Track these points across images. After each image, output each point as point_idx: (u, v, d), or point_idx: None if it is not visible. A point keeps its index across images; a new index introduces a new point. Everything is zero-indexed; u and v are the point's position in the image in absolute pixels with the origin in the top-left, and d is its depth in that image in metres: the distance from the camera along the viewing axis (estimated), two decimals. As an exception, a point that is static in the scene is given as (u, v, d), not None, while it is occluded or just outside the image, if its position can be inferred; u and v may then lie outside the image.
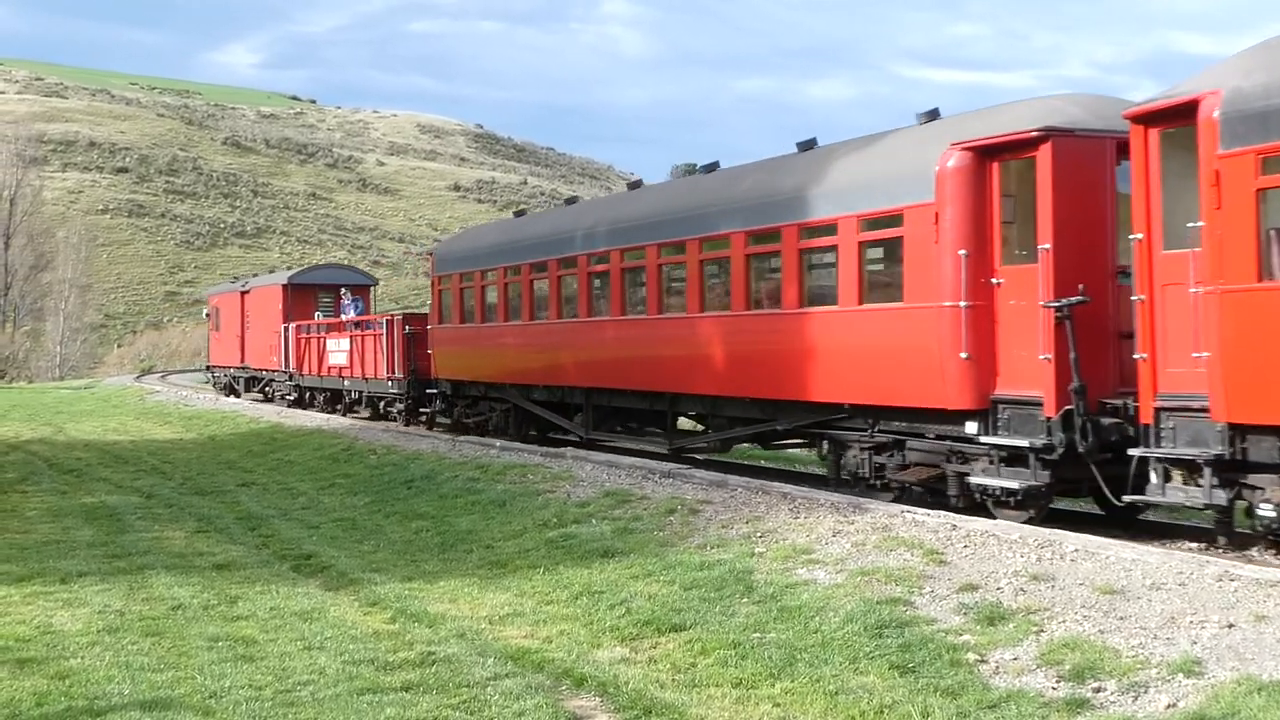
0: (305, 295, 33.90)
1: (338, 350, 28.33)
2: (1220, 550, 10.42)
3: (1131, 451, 10.23)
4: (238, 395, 37.92)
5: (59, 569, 10.89)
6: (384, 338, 25.22)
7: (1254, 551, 10.30)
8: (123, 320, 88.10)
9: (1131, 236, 10.32)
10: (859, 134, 14.88)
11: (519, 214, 24.78)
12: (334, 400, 29.96)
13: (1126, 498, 10.46)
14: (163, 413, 31.63)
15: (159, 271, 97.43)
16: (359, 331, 27.47)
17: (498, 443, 18.99)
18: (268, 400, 35.29)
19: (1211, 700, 6.29)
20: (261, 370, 35.78)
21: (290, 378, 32.47)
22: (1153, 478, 10.03)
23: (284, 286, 34.05)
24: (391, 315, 24.79)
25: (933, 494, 12.53)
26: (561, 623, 8.83)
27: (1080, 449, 10.74)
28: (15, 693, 7.09)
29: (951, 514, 11.01)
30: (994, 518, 11.13)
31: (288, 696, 7.05)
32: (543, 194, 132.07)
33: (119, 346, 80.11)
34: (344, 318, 30.01)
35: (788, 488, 12.89)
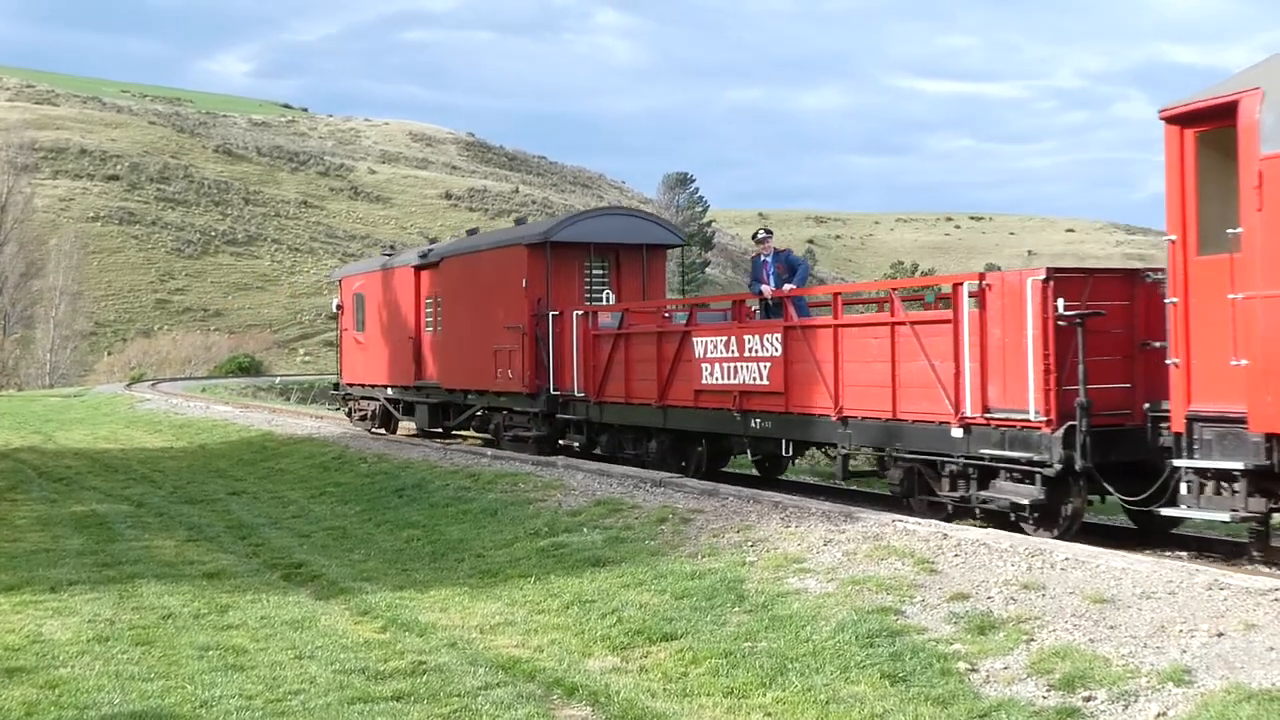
0: (567, 262, 19.07)
1: (738, 359, 14.64)
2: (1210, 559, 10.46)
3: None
4: (391, 430, 24.54)
5: (48, 578, 10.87)
6: (971, 327, 11.37)
7: (1244, 560, 10.33)
8: (113, 328, 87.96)
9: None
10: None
11: None
12: (680, 447, 16.18)
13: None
14: (153, 421, 31.53)
15: (149, 279, 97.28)
16: (819, 322, 13.78)
17: (489, 451, 18.93)
18: (487, 440, 20.76)
19: (1201, 709, 6.30)
20: (467, 389, 20.75)
21: (563, 404, 18.13)
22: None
23: (533, 249, 18.80)
24: (1012, 275, 11.19)
25: None
26: (552, 632, 8.83)
27: None
28: (5, 702, 7.07)
29: (942, 523, 11.04)
30: None
31: (278, 706, 7.05)
32: (534, 202, 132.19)
33: (109, 354, 79.95)
34: (760, 292, 15.37)
35: (779, 496, 12.91)
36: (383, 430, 24.53)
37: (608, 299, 18.65)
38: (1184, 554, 10.97)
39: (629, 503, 13.17)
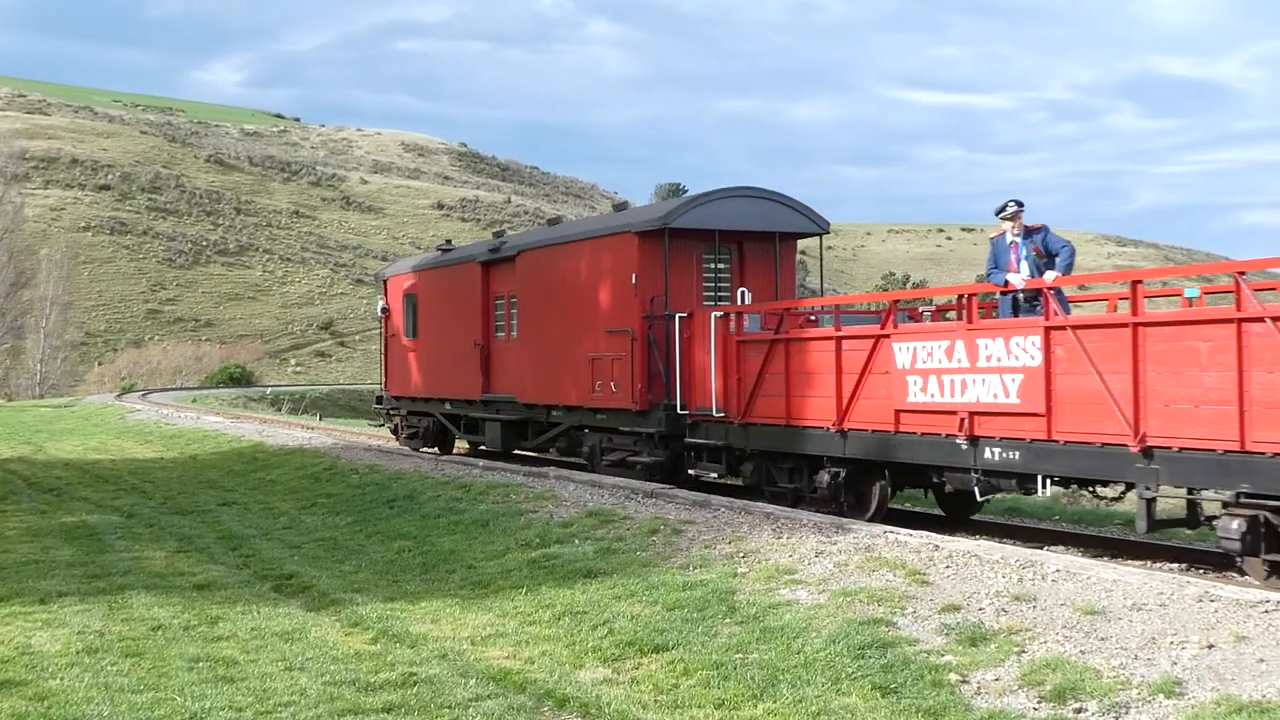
0: (684, 253, 16.24)
1: (967, 370, 11.52)
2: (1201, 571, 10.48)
3: None
4: (445, 449, 22.21)
5: (38, 589, 10.83)
6: None
7: (1234, 573, 10.35)
8: (104, 338, 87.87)
9: None
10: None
11: None
12: (857, 480, 13.16)
13: None
14: (143, 431, 31.47)
15: (140, 289, 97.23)
16: (1108, 320, 11.04)
17: (480, 462, 18.88)
18: (579, 465, 18.14)
19: (1192, 721, 6.31)
20: (551, 405, 18.15)
21: (691, 426, 15.18)
22: None
23: (646, 237, 15.98)
24: None
25: None
26: (544, 643, 8.81)
27: None
28: (-7, 714, 7.05)
29: (934, 534, 11.04)
30: None
31: (269, 718, 7.02)
32: (526, 213, 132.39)
33: (99, 364, 79.90)
34: (1005, 284, 12.21)
35: (770, 508, 12.90)
36: (435, 449, 22.09)
37: (743, 298, 15.62)
38: (1175, 566, 11.00)
39: (620, 514, 13.16)
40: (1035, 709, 6.79)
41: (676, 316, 15.34)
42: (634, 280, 15.91)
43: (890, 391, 12.34)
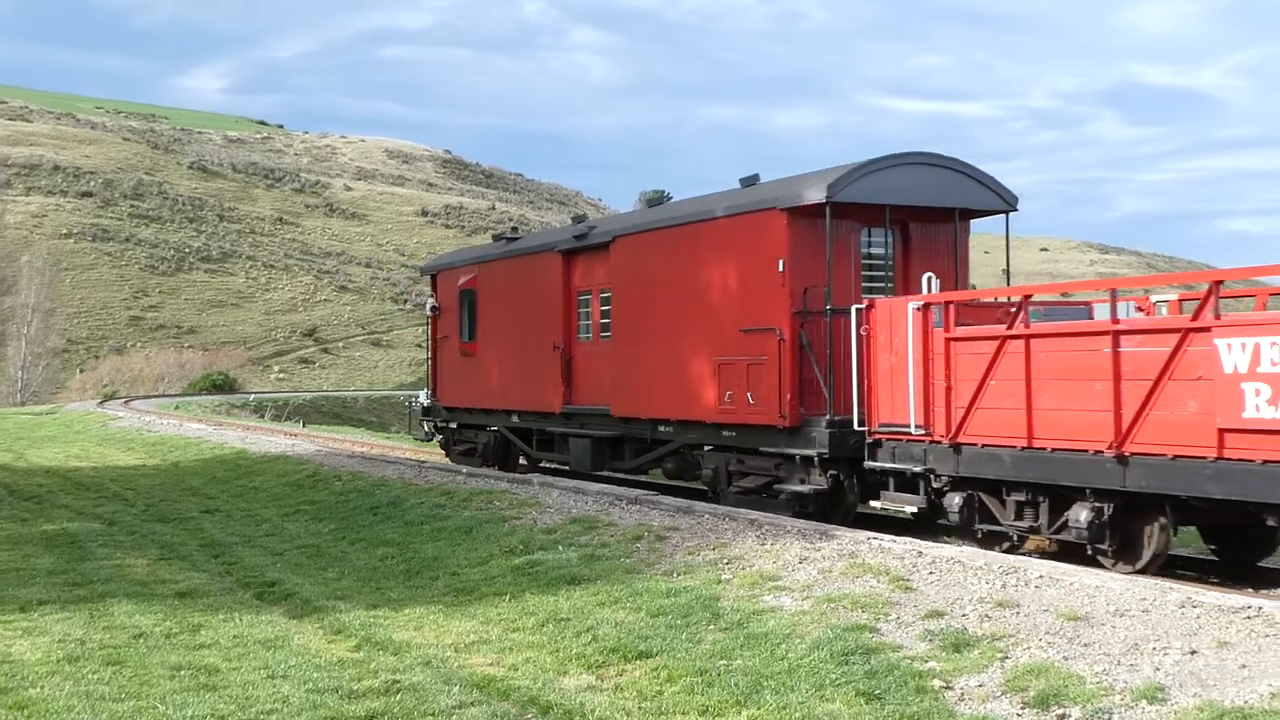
0: (840, 235, 13.68)
1: None
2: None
3: None
4: (507, 467, 19.74)
5: (18, 597, 10.76)
6: None
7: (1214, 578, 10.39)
8: (85, 345, 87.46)
9: None
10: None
11: None
12: (1124, 518, 10.45)
13: None
14: (125, 438, 31.33)
15: (123, 296, 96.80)
16: None
17: (464, 469, 18.83)
18: (699, 492, 15.66)
19: (1174, 726, 6.32)
20: (658, 419, 15.78)
21: (871, 447, 12.59)
22: None
23: (799, 215, 13.50)
24: None
25: None
26: (527, 650, 8.79)
27: None
28: (-28, 723, 7.00)
29: (918, 541, 11.05)
30: None
31: (250, 726, 6.99)
32: (510, 219, 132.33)
33: (81, 371, 79.55)
34: None
35: (755, 514, 12.91)
36: (496, 467, 19.46)
37: (929, 285, 12.49)
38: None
39: (605, 520, 13.15)
40: (1019, 715, 6.79)
41: (852, 309, 12.71)
42: (781, 267, 13.39)
43: (1210, 404, 9.38)
